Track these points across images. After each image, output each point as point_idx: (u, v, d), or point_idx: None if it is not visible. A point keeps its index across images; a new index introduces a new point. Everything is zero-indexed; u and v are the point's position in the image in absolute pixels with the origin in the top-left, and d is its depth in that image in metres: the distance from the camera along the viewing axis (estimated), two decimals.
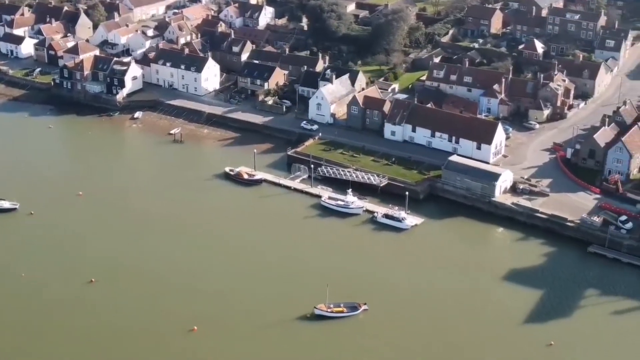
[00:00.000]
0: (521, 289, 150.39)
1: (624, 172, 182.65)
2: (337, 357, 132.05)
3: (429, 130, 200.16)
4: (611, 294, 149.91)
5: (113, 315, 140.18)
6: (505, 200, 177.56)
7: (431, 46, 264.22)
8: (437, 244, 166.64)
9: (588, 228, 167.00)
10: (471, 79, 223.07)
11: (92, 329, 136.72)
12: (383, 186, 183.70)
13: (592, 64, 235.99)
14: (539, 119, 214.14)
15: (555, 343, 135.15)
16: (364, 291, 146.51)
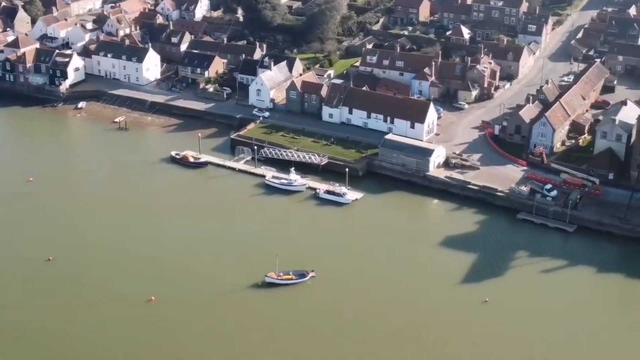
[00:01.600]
0: (457, 254, 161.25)
1: (548, 145, 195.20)
2: (288, 320, 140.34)
3: (364, 112, 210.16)
4: (539, 255, 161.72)
5: (73, 291, 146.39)
6: (439, 174, 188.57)
7: (363, 34, 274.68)
8: (376, 216, 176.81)
9: (516, 197, 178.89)
10: (403, 63, 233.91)
11: (53, 303, 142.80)
12: (324, 165, 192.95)
13: (516, 48, 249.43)
14: (467, 100, 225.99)
15: (490, 300, 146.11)
16: (311, 260, 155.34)
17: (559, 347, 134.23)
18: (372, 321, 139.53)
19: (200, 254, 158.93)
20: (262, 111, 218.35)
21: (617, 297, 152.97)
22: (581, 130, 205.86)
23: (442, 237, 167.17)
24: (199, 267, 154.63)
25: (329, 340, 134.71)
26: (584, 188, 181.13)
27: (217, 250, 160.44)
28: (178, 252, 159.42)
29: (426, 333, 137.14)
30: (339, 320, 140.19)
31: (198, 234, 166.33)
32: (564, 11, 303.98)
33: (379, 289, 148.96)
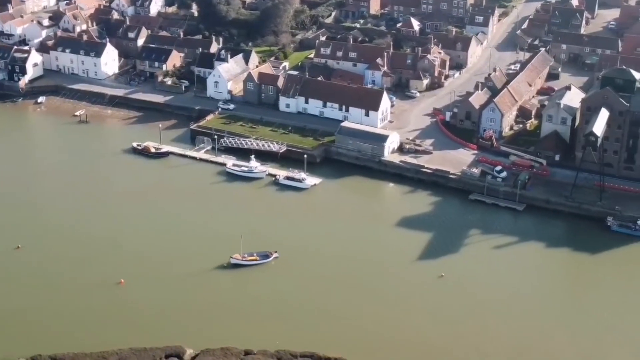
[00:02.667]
0: (413, 233, 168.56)
1: (497, 130, 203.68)
2: (253, 299, 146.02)
3: (320, 101, 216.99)
4: (491, 233, 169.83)
5: (43, 277, 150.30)
6: (394, 159, 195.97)
7: (316, 27, 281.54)
8: (335, 199, 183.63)
9: (468, 179, 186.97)
10: (356, 54, 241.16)
11: (24, 289, 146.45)
12: (282, 152, 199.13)
13: (464, 38, 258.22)
14: (419, 88, 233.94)
15: (446, 274, 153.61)
16: (274, 242, 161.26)
17: (510, 317, 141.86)
18: (334, 298, 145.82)
19: (166, 238, 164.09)
20: (227, 104, 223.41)
21: (564, 269, 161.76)
22: (528, 115, 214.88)
23: (398, 218, 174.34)
24: (166, 250, 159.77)
25: (293, 317, 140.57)
26: (532, 169, 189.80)
27: (182, 234, 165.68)
28: (145, 237, 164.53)
29: (386, 307, 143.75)
30: (303, 297, 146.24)
31: (163, 219, 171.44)
32: (510, 3, 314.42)
33: (340, 268, 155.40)
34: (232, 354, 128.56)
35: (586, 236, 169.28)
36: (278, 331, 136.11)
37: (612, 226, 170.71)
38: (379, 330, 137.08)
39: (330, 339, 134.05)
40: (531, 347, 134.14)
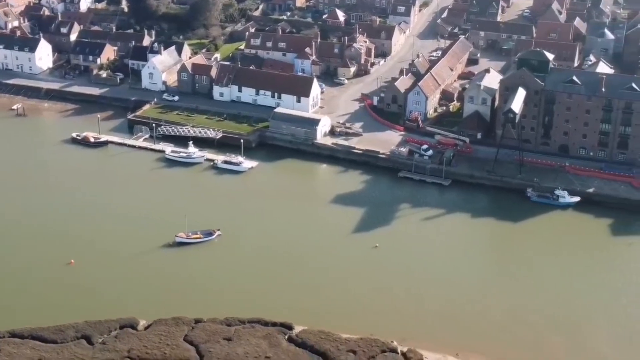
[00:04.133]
0: (347, 209, 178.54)
1: (422, 112, 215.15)
2: (200, 273, 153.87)
3: (253, 89, 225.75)
4: (420, 206, 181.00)
5: None
6: (326, 141, 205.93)
7: (245, 20, 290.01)
8: (271, 180, 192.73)
9: (397, 158, 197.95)
10: (285, 44, 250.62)
11: None
12: (219, 138, 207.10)
13: (388, 27, 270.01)
14: (347, 76, 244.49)
15: (380, 245, 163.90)
16: (217, 221, 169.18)
17: (442, 282, 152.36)
18: (276, 271, 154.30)
19: (112, 222, 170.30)
20: (172, 95, 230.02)
21: (489, 237, 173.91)
22: (451, 98, 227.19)
23: (332, 196, 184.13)
24: (112, 233, 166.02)
25: (240, 288, 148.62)
26: (456, 147, 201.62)
27: (127, 217, 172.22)
28: (91, 222, 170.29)
29: (326, 275, 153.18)
30: (247, 270, 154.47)
31: (107, 204, 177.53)
32: None
33: (280, 243, 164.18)
34: (184, 323, 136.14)
35: (508, 207, 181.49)
36: (226, 301, 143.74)
37: (531, 197, 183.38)
38: (320, 297, 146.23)
39: (276, 305, 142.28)
40: (463, 308, 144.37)
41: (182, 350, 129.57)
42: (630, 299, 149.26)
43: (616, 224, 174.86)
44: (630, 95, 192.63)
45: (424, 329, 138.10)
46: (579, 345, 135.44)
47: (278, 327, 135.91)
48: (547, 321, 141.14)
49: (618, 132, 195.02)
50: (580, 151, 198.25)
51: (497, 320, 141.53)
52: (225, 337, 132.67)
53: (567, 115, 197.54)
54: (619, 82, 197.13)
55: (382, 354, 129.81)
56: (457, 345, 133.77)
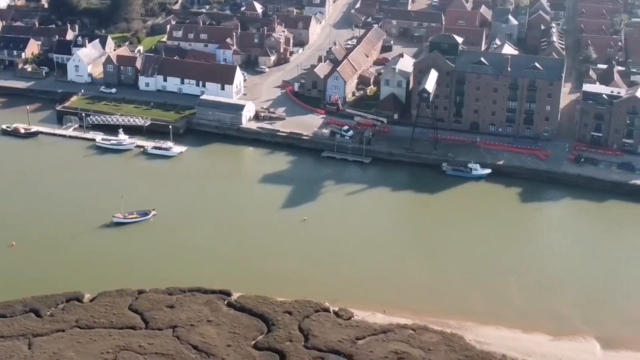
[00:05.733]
0: (275, 187, 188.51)
1: (341, 96, 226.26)
2: (139, 249, 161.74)
3: (178, 79, 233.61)
4: (343, 183, 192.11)
5: None
6: (251, 126, 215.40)
7: (165, 13, 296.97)
8: (201, 163, 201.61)
9: (320, 139, 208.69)
10: (206, 35, 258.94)
11: None
12: (148, 126, 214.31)
13: (304, 17, 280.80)
14: (267, 64, 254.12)
15: (308, 218, 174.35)
16: (151, 202, 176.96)
17: (365, 248, 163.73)
18: (211, 244, 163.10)
19: (49, 207, 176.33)
20: (109, 87, 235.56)
21: (409, 208, 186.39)
22: (367, 82, 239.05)
23: (260, 176, 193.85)
24: (50, 217, 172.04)
25: (178, 260, 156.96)
26: (375, 127, 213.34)
27: (64, 201, 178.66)
28: (29, 209, 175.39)
29: (259, 247, 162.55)
30: (184, 244, 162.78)
31: (44, 191, 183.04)
32: None
33: (213, 219, 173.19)
34: (127, 294, 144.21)
35: (425, 180, 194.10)
36: (166, 273, 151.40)
37: (446, 171, 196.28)
38: (256, 265, 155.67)
39: (213, 275, 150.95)
40: (388, 270, 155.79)
41: (128, 318, 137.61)
42: (539, 256, 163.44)
43: (525, 192, 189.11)
44: (533, 73, 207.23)
45: (354, 291, 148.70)
46: (495, 299, 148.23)
47: (217, 294, 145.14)
48: (466, 279, 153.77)
49: (524, 109, 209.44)
50: (490, 127, 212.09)
51: (420, 280, 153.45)
52: (168, 305, 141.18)
53: (476, 94, 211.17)
54: (523, 62, 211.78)
55: (315, 313, 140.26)
56: (384, 303, 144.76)
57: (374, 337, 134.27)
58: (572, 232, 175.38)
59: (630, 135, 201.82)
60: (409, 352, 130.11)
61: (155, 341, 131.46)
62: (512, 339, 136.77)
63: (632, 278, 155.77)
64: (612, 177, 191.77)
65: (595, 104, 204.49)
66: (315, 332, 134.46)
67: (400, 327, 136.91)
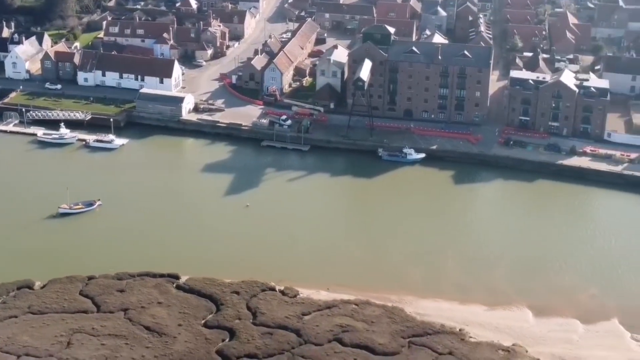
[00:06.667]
0: (217, 176, 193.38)
1: (278, 87, 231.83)
2: (85, 239, 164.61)
3: (117, 74, 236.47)
4: (283, 170, 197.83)
5: None
6: (191, 117, 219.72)
7: (100, 10, 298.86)
8: (143, 155, 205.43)
9: (259, 129, 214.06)
10: (143, 31, 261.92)
11: None
12: (88, 120, 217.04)
13: (239, 12, 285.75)
14: (204, 58, 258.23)
15: (251, 204, 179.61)
16: (96, 192, 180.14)
17: (306, 231, 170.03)
18: (157, 231, 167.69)
19: None
20: (55, 84, 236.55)
21: (348, 192, 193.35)
22: (303, 74, 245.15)
23: (202, 166, 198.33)
24: None
25: (126, 247, 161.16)
26: (312, 116, 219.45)
27: (9, 193, 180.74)
28: None
29: (205, 232, 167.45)
30: (130, 234, 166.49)
31: None
32: None
33: (158, 207, 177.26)
34: (77, 280, 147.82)
35: (362, 166, 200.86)
36: (114, 260, 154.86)
37: (382, 156, 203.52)
38: (202, 250, 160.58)
39: (161, 260, 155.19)
40: (330, 250, 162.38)
41: (80, 302, 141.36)
42: (473, 233, 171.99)
43: (458, 174, 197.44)
44: (463, 61, 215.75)
45: (298, 270, 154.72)
46: (433, 274, 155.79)
47: (166, 277, 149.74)
48: (404, 257, 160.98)
49: (455, 96, 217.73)
50: (423, 114, 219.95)
51: (361, 258, 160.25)
52: (118, 290, 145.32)
53: (409, 82, 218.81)
54: (453, 51, 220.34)
55: (262, 292, 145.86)
56: (327, 281, 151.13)
57: (319, 312, 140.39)
58: (503, 211, 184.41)
59: (555, 118, 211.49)
60: (353, 325, 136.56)
61: (107, 323, 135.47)
62: (450, 310, 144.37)
63: (559, 251, 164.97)
64: (539, 158, 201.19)
65: (522, 89, 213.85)
66: (263, 310, 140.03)
67: (344, 302, 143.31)
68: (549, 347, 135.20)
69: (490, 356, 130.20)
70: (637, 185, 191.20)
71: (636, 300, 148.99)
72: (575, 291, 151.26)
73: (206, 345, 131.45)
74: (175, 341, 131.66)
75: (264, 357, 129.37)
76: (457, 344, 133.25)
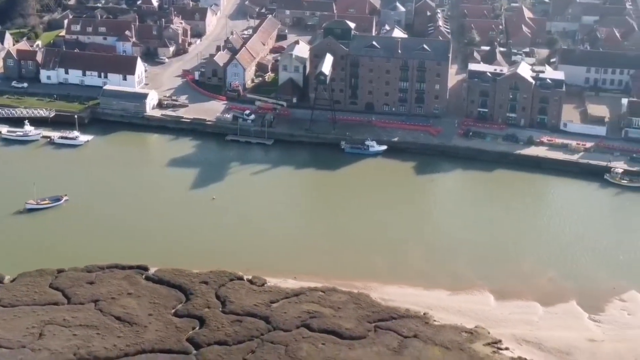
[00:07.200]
0: (183, 170, 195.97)
1: (241, 82, 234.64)
2: (53, 234, 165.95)
3: (80, 71, 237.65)
4: (248, 164, 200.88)
5: None
6: (155, 113, 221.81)
7: (61, 9, 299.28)
8: (108, 151, 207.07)
9: (223, 123, 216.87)
10: (105, 29, 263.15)
11: None
12: (53, 117, 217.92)
13: (201, 9, 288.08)
14: (167, 55, 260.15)
15: (217, 197, 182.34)
16: (63, 187, 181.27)
17: (272, 222, 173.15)
18: (125, 224, 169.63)
19: None
20: (21, 82, 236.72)
21: (312, 184, 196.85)
22: (265, 69, 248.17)
23: (167, 161, 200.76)
24: None
25: (95, 240, 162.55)
26: (275, 111, 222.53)
27: None
28: None
29: (172, 224, 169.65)
30: (97, 228, 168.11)
31: None
32: None
33: (124, 202, 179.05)
34: (47, 273, 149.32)
35: (325, 158, 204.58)
36: (83, 253, 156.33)
37: (345, 148, 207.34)
38: (170, 242, 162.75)
39: (130, 253, 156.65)
40: (296, 240, 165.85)
41: (50, 295, 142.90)
42: (435, 221, 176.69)
43: (419, 165, 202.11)
44: (422, 55, 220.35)
45: (265, 261, 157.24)
46: (397, 261, 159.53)
47: (135, 269, 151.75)
48: (369, 245, 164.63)
49: (415, 89, 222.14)
50: (384, 107, 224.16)
51: (326, 248, 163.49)
52: (88, 282, 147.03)
53: (370, 76, 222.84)
54: (413, 45, 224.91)
55: (230, 282, 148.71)
56: (294, 270, 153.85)
57: (287, 300, 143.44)
58: (464, 200, 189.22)
59: (513, 109, 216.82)
60: (321, 311, 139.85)
61: (78, 314, 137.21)
62: (415, 295, 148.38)
63: (518, 236, 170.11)
64: (498, 149, 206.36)
65: (480, 81, 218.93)
66: (232, 299, 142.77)
67: (311, 290, 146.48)
68: (510, 328, 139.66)
69: (453, 338, 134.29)
70: (592, 173, 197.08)
71: (593, 283, 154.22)
72: (535, 275, 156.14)
73: (177, 333, 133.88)
74: (146, 330, 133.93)
75: (234, 343, 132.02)
76: (421, 327, 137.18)
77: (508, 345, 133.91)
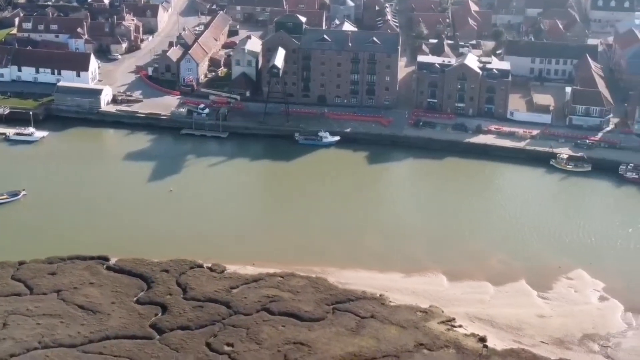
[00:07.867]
0: (139, 164, 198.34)
1: (195, 77, 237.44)
2: (12, 228, 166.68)
3: (33, 68, 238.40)
4: (203, 156, 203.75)
5: None
6: (110, 109, 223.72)
7: (11, 7, 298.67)
8: (64, 147, 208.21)
9: (177, 118, 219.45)
10: (57, 26, 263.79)
11: None
12: (7, 114, 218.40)
13: (152, 6, 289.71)
14: (119, 51, 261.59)
15: (174, 189, 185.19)
16: (19, 183, 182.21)
17: (229, 211, 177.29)
18: (84, 216, 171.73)
19: None
20: None
21: (266, 175, 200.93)
22: (218, 64, 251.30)
23: (123, 155, 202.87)
24: None
25: (52, 236, 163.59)
26: (229, 104, 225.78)
27: None
28: None
29: (131, 215, 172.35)
30: (56, 220, 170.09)
31: None
32: None
33: (82, 196, 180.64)
34: (8, 265, 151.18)
35: (280, 150, 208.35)
36: (43, 246, 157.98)
37: (299, 140, 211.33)
38: (129, 233, 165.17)
39: (89, 244, 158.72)
40: (253, 228, 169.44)
41: (12, 286, 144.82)
42: (388, 208, 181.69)
43: (371, 155, 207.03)
44: (372, 47, 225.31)
45: (223, 249, 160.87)
46: (353, 247, 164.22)
47: (96, 259, 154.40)
48: (325, 232, 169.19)
49: (366, 81, 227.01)
50: (336, 99, 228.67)
51: (283, 235, 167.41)
52: (50, 273, 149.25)
53: (322, 69, 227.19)
54: (363, 37, 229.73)
55: (190, 270, 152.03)
56: (252, 257, 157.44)
57: (246, 285, 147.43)
58: (416, 187, 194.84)
59: (461, 99, 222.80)
60: (280, 295, 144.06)
61: (41, 304, 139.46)
62: (370, 278, 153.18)
63: (469, 221, 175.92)
64: (448, 137, 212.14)
65: (429, 73, 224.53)
66: (193, 285, 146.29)
67: (270, 275, 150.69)
68: (463, 307, 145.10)
69: (409, 317, 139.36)
70: (538, 159, 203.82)
71: (540, 262, 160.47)
72: (485, 256, 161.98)
73: (140, 320, 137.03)
74: (109, 317, 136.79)
75: (197, 328, 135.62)
76: (378, 307, 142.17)
77: (462, 323, 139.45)
